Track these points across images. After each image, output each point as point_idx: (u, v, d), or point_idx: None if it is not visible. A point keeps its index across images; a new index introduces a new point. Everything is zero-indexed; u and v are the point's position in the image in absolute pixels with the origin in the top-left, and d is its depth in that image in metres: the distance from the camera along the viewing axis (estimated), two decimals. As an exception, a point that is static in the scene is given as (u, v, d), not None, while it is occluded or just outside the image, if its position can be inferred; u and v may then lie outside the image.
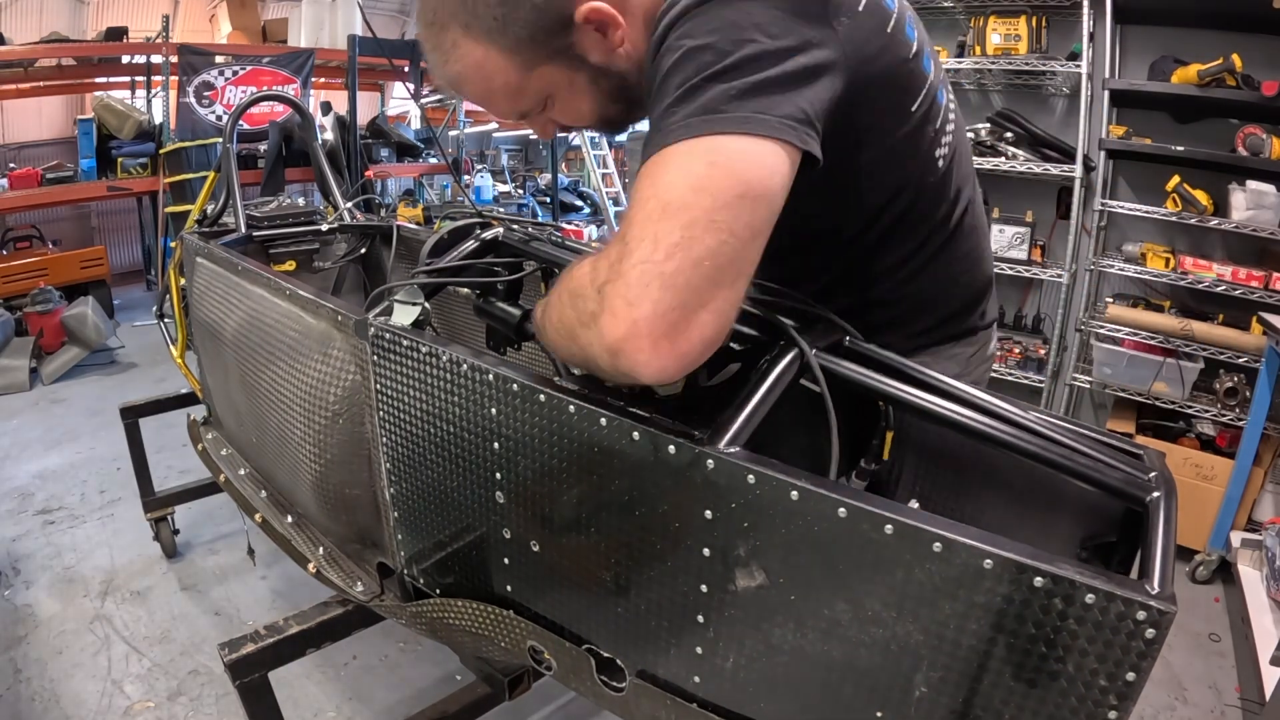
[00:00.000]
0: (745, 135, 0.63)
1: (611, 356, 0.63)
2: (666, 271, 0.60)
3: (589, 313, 0.66)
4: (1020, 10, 3.13)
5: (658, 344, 0.61)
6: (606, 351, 0.64)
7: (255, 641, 1.33)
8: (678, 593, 0.81)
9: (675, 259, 0.60)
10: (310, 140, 2.81)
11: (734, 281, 0.63)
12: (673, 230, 0.60)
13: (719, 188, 0.61)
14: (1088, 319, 3.11)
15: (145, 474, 2.53)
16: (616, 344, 0.62)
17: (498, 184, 7.82)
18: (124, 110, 6.00)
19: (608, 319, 0.62)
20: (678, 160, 0.63)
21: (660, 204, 0.62)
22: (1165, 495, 0.79)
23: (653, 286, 0.60)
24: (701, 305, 0.61)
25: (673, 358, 0.62)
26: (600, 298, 0.64)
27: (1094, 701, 0.62)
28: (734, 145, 0.63)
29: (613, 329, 0.62)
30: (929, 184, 0.94)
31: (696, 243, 0.60)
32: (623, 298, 0.61)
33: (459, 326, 1.84)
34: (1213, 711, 2.09)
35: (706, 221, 0.60)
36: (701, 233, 0.60)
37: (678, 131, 0.65)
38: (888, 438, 1.00)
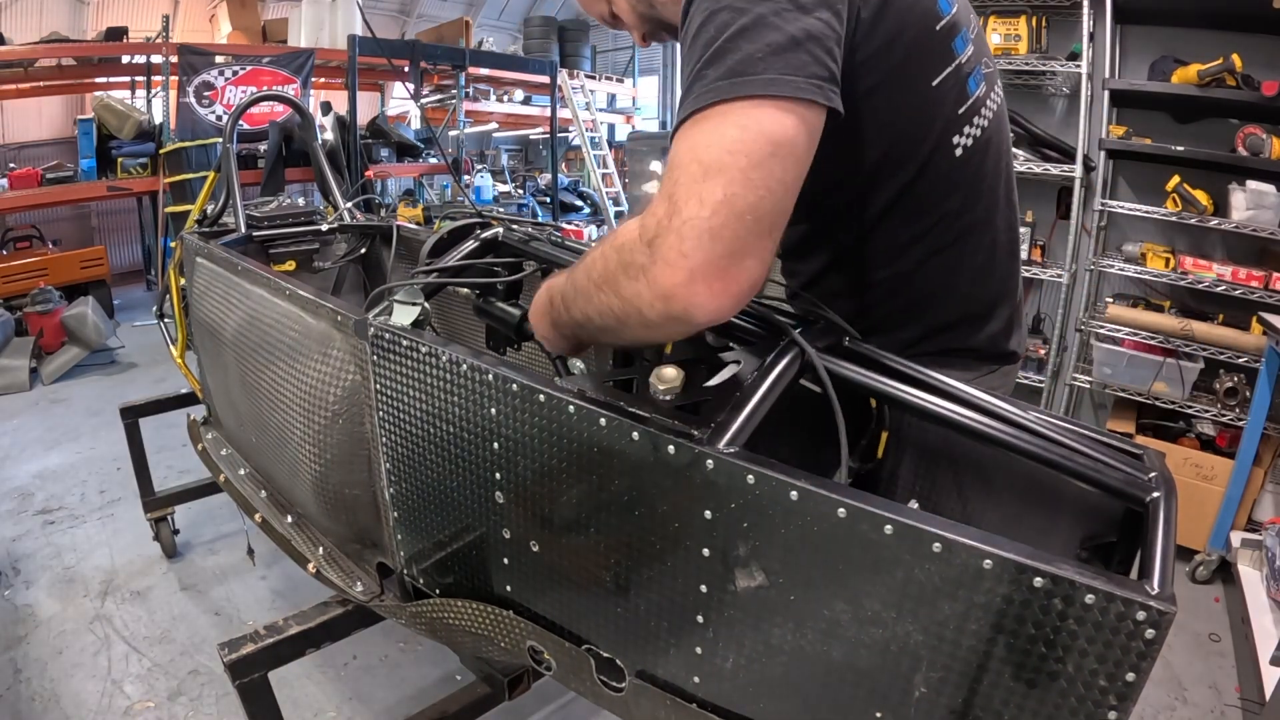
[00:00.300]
0: (772, 98, 0.69)
1: (665, 302, 0.70)
2: (714, 226, 0.66)
3: (638, 265, 0.71)
4: (1020, 10, 3.13)
5: (711, 287, 0.68)
6: (660, 298, 0.70)
7: (255, 641, 1.33)
8: (677, 593, 0.81)
9: (720, 215, 0.66)
10: (310, 140, 2.81)
11: (771, 231, 0.70)
12: (715, 190, 0.66)
13: (752, 149, 0.67)
14: (1088, 319, 3.11)
15: (145, 474, 2.53)
16: (672, 289, 0.69)
17: (498, 184, 7.82)
18: (124, 110, 6.00)
19: (661, 268, 0.69)
20: (712, 124, 0.69)
21: (701, 167, 0.68)
22: (1165, 495, 0.79)
23: (704, 239, 0.67)
24: (747, 253, 0.68)
25: (726, 298, 0.69)
26: (651, 251, 0.69)
27: (1094, 702, 0.62)
28: (762, 108, 0.69)
29: (669, 277, 0.68)
30: (939, 168, 0.93)
31: (738, 199, 0.66)
32: (676, 249, 0.68)
33: (459, 326, 1.84)
34: (1213, 711, 2.09)
35: (744, 180, 0.67)
36: (741, 190, 0.67)
37: (708, 95, 0.70)
38: (882, 437, 1.00)
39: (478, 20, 9.90)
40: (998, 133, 0.99)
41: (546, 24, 9.09)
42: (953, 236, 0.98)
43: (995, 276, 1.04)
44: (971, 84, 0.92)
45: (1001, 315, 1.06)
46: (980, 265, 1.01)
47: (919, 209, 0.95)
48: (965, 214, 0.97)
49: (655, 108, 10.72)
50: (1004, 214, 1.03)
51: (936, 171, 0.93)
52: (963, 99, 0.91)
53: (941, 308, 1.03)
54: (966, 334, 1.04)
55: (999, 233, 1.03)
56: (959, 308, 1.03)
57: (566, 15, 10.46)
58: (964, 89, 0.91)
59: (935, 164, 0.92)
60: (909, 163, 0.92)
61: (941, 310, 1.03)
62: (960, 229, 0.98)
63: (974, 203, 0.98)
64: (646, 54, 10.45)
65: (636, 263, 0.71)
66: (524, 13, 10.35)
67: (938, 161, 0.92)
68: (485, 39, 8.55)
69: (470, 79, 7.40)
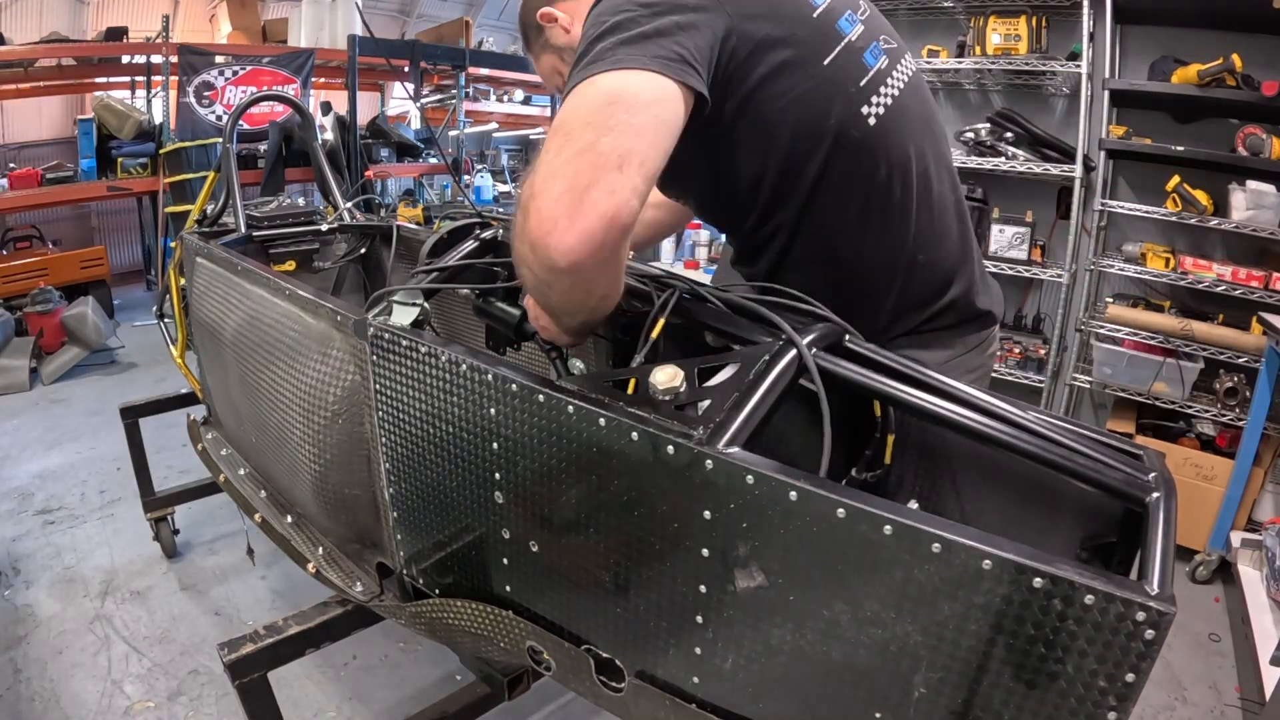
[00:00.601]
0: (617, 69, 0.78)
1: (535, 252, 0.76)
2: (555, 167, 0.73)
3: (519, 228, 0.78)
4: (1020, 10, 3.13)
5: (558, 224, 0.73)
6: (531, 250, 0.76)
7: (255, 641, 1.33)
8: (677, 593, 0.81)
9: (561, 155, 0.73)
10: (310, 140, 2.81)
11: (619, 167, 0.73)
12: (558, 139, 0.75)
13: (591, 102, 0.77)
14: (1088, 319, 3.11)
15: (145, 474, 2.53)
16: (536, 239, 0.74)
17: (498, 184, 7.82)
18: (124, 110, 6.00)
19: (524, 221, 0.76)
20: (569, 100, 0.79)
21: (553, 129, 0.77)
22: (1165, 495, 0.79)
23: (550, 180, 0.74)
24: (590, 185, 0.72)
25: (573, 235, 0.73)
26: (523, 211, 0.76)
27: (1093, 702, 0.62)
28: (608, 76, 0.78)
29: (532, 227, 0.74)
30: (854, 139, 0.99)
31: (575, 139, 0.74)
32: (533, 200, 0.74)
33: (459, 326, 1.84)
34: (1213, 711, 2.09)
35: (582, 125, 0.75)
36: (579, 132, 0.74)
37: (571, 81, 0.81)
38: (888, 441, 1.00)
39: (478, 20, 9.89)
40: (915, 101, 1.07)
41: (546, 24, 9.07)
42: (892, 208, 1.03)
43: (949, 239, 1.10)
44: (869, 58, 1.01)
45: (964, 276, 1.12)
46: (932, 232, 1.07)
47: (847, 183, 1.01)
48: (897, 184, 1.03)
49: (655, 108, 10.69)
50: (941, 178, 1.09)
51: (852, 142, 0.99)
52: (863, 72, 1.00)
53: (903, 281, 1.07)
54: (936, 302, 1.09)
55: (941, 198, 1.08)
56: (920, 278, 1.08)
57: (566, 15, 10.46)
58: (860, 63, 1.00)
59: (849, 135, 0.98)
60: (822, 136, 0.98)
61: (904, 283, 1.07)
62: (897, 200, 1.03)
63: (904, 172, 1.03)
64: (646, 54, 10.44)
65: (518, 226, 0.78)
66: (524, 13, 10.33)
67: (850, 133, 0.98)
68: (485, 39, 8.54)
69: (470, 79, 7.40)
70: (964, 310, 1.13)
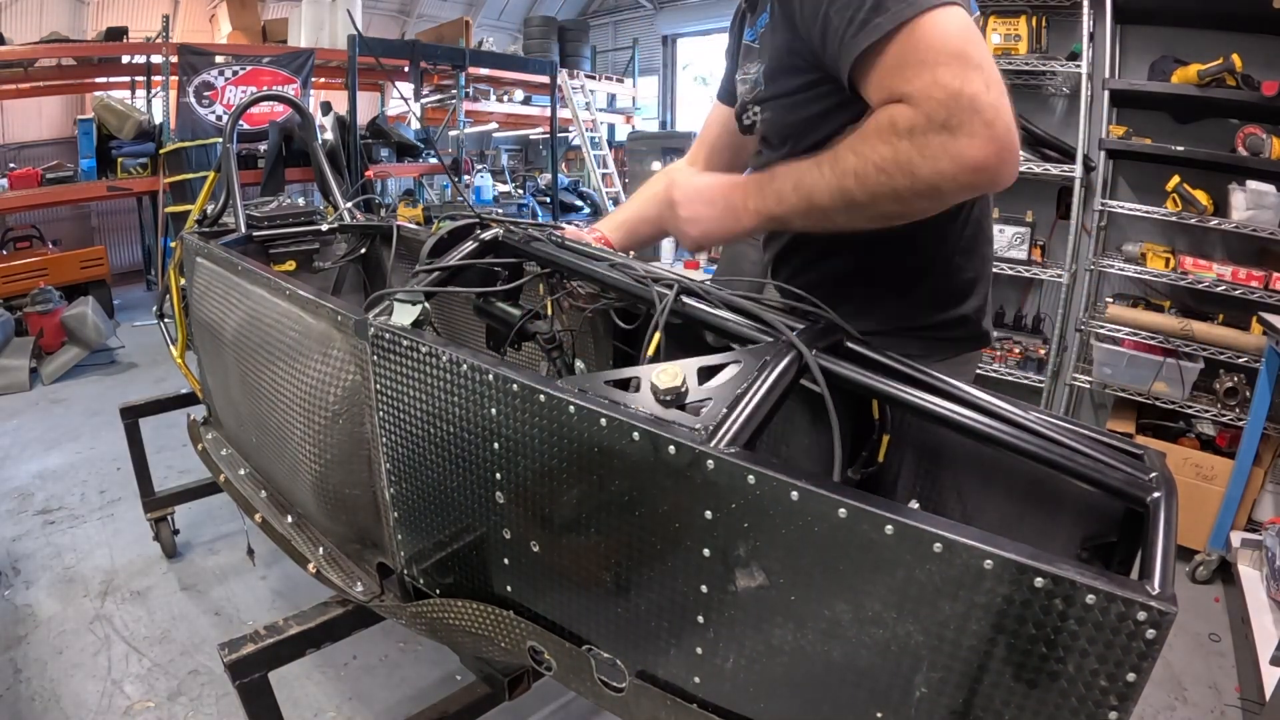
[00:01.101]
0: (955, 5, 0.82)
1: (974, 173, 0.80)
2: (998, 104, 0.78)
3: (937, 145, 0.80)
4: (1020, 10, 3.13)
5: (1012, 152, 0.80)
6: (968, 170, 0.80)
7: (255, 642, 1.33)
8: (678, 593, 0.81)
9: (994, 93, 0.79)
10: (310, 140, 2.81)
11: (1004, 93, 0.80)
12: (980, 76, 0.79)
13: (978, 40, 0.81)
14: (1088, 319, 3.11)
15: (145, 474, 2.53)
16: (983, 160, 0.79)
17: (498, 184, 7.82)
18: (124, 110, 6.00)
19: (968, 144, 0.78)
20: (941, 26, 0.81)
21: (958, 58, 0.79)
22: (1166, 495, 0.79)
23: (1002, 114, 0.78)
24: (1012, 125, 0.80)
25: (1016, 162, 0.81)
26: (951, 132, 0.79)
27: (1094, 702, 0.62)
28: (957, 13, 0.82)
29: (978, 149, 0.78)
30: None
31: (998, 81, 0.79)
32: (981, 126, 0.78)
33: (459, 326, 1.84)
34: (1213, 711, 2.09)
35: (992, 66, 0.80)
36: (993, 74, 0.80)
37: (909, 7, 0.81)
38: (883, 441, 1.00)
39: (478, 20, 9.90)
40: None
41: (546, 24, 9.09)
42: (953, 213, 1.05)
43: (977, 254, 1.14)
44: None
45: (980, 295, 1.15)
46: (967, 238, 1.11)
47: None
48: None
49: (655, 108, 10.70)
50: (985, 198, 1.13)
51: None
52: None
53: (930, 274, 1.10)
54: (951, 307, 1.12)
55: (983, 216, 1.13)
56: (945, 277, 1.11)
57: (566, 15, 10.47)
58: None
59: None
60: None
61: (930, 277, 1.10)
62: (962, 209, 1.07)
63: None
64: (646, 54, 10.45)
65: (934, 144, 0.80)
66: (524, 13, 10.34)
67: None
68: (485, 39, 8.55)
69: (470, 79, 7.40)
70: (972, 327, 1.15)
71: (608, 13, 11.04)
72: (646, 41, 10.45)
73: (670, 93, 10.78)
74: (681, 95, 10.81)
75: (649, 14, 10.51)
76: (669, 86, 10.76)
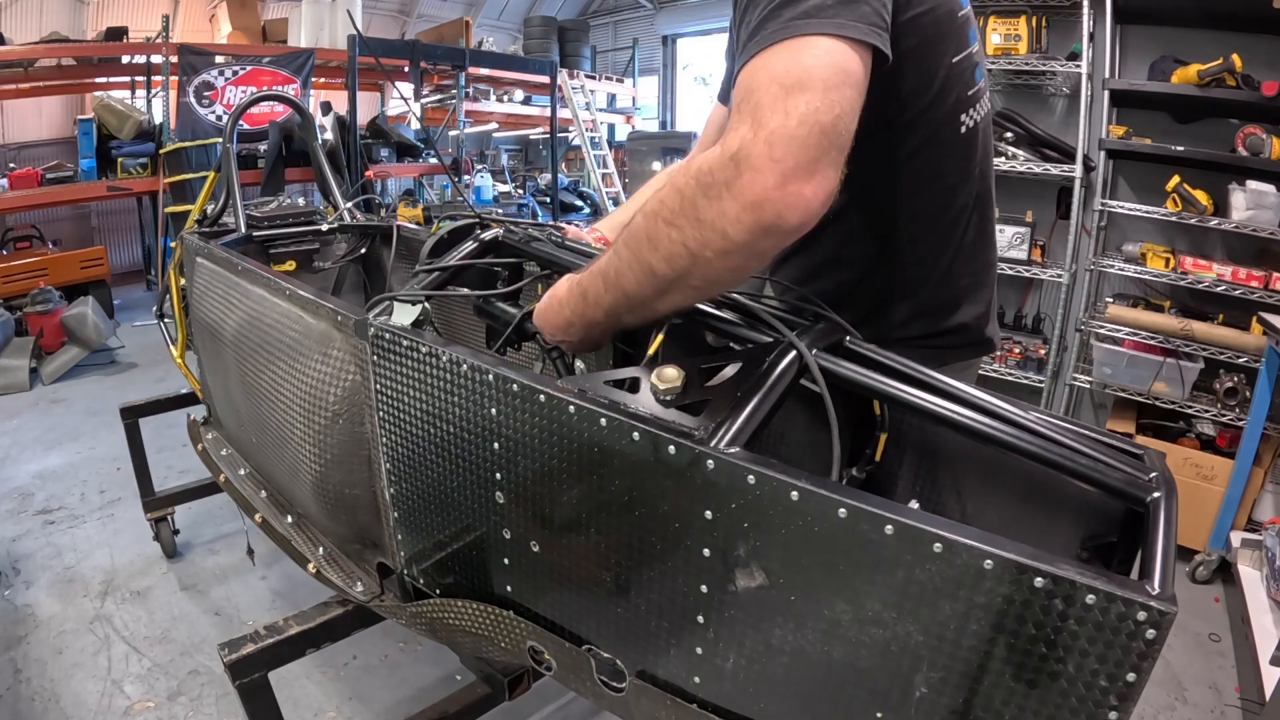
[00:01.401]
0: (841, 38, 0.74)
1: (755, 210, 0.72)
2: (801, 134, 0.70)
3: (720, 183, 0.73)
4: (1020, 10, 3.13)
5: (803, 188, 0.71)
6: (749, 207, 0.72)
7: (255, 641, 1.33)
8: (678, 593, 0.81)
9: (806, 124, 0.70)
10: (310, 140, 2.81)
11: (843, 149, 0.73)
12: (799, 103, 0.70)
13: (828, 73, 0.72)
14: (1088, 319, 3.11)
15: (145, 474, 2.53)
16: (763, 194, 0.71)
17: (498, 184, 7.82)
18: (124, 110, 6.00)
19: (749, 177, 0.71)
20: (788, 53, 0.74)
21: (782, 87, 0.72)
22: (1166, 495, 0.79)
23: (793, 144, 0.70)
24: (828, 163, 0.72)
25: (815, 200, 0.72)
26: (736, 164, 0.72)
27: (1094, 702, 0.62)
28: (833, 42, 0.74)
29: (759, 182, 0.70)
30: (947, 138, 1.01)
31: (821, 113, 0.70)
32: (765, 156, 0.70)
33: (459, 326, 1.84)
34: (1213, 711, 2.09)
35: (823, 97, 0.71)
36: (822, 104, 0.71)
37: (785, 30, 0.75)
38: (880, 440, 1.00)
39: (478, 20, 9.90)
40: (988, 128, 1.09)
41: (546, 24, 9.09)
42: (946, 210, 1.05)
43: (979, 260, 1.12)
44: (978, 74, 1.03)
45: (982, 299, 1.13)
46: (968, 244, 1.08)
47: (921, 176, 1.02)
48: (959, 190, 1.05)
49: (655, 108, 10.71)
50: (988, 203, 1.11)
51: (944, 141, 1.00)
52: (972, 83, 1.02)
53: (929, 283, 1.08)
54: (950, 315, 1.10)
55: (985, 221, 1.11)
56: (944, 286, 1.09)
57: (566, 15, 10.47)
58: (974, 74, 1.02)
59: (945, 134, 1.00)
60: (924, 126, 0.98)
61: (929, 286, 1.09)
62: (953, 204, 1.05)
63: (966, 180, 1.05)
64: (646, 54, 10.45)
65: (719, 181, 0.73)
66: (524, 13, 10.34)
67: (947, 133, 1.00)
68: (485, 39, 8.55)
69: (470, 79, 7.40)
70: (974, 334, 1.14)
71: (608, 13, 11.05)
72: (646, 41, 10.46)
73: (670, 93, 10.79)
74: (681, 95, 10.82)
75: (649, 14, 10.52)
76: (669, 86, 10.77)
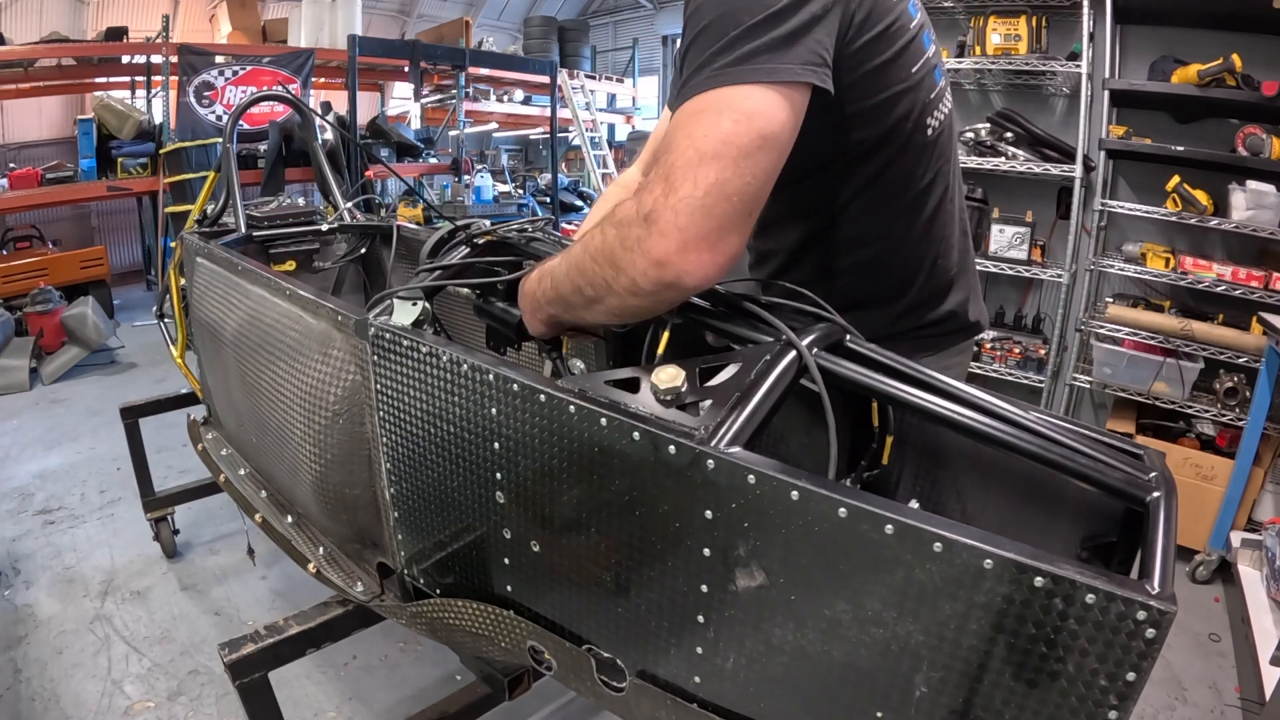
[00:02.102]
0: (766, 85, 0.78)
1: (659, 268, 0.78)
2: (706, 205, 0.75)
3: (634, 238, 0.79)
4: (1020, 10, 3.13)
5: (701, 256, 0.77)
6: (654, 264, 0.78)
7: (255, 641, 1.33)
8: (678, 593, 0.81)
9: (712, 195, 0.75)
10: (310, 140, 2.81)
11: (752, 213, 0.79)
12: (709, 174, 0.75)
13: (744, 141, 0.76)
14: (1088, 319, 3.11)
15: (145, 474, 2.53)
16: (666, 256, 0.77)
17: (498, 184, 7.82)
18: (124, 110, 6.00)
19: (657, 239, 0.77)
20: (710, 115, 0.78)
21: (698, 154, 0.76)
22: (1165, 495, 0.79)
23: (696, 215, 0.76)
24: (731, 230, 0.78)
25: (712, 267, 0.78)
26: (648, 226, 0.78)
27: (1094, 701, 0.62)
28: (756, 96, 0.78)
29: (663, 245, 0.77)
30: (916, 143, 1.04)
31: (728, 184, 0.75)
32: (672, 223, 0.76)
33: (459, 326, 1.84)
34: (1213, 711, 2.09)
35: (734, 168, 0.76)
36: (732, 175, 0.75)
37: (714, 80, 0.79)
38: (887, 443, 1.00)
39: (478, 20, 9.91)
40: (951, 123, 1.13)
41: (546, 24, 9.09)
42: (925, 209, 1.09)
43: (957, 249, 1.17)
44: (938, 75, 1.07)
45: (964, 286, 1.18)
46: (945, 238, 1.14)
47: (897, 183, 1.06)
48: (934, 188, 1.09)
49: (655, 108, 10.70)
50: (959, 193, 1.16)
51: (916, 148, 1.04)
52: (933, 86, 1.05)
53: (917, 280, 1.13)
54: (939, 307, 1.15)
55: (958, 210, 1.16)
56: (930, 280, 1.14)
57: (566, 15, 10.47)
58: (934, 77, 1.05)
59: (915, 141, 1.03)
60: (895, 139, 1.02)
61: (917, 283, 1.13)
62: (930, 202, 1.10)
63: (940, 179, 1.10)
64: (646, 54, 10.45)
65: (633, 235, 0.79)
66: (524, 13, 10.35)
67: (917, 139, 1.04)
68: (485, 39, 8.55)
69: (470, 79, 7.40)
70: (960, 319, 1.18)
71: (608, 13, 11.05)
72: (646, 41, 10.46)
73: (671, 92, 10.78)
74: (681, 95, 10.80)
75: (649, 14, 10.52)
76: (669, 87, 10.76)
